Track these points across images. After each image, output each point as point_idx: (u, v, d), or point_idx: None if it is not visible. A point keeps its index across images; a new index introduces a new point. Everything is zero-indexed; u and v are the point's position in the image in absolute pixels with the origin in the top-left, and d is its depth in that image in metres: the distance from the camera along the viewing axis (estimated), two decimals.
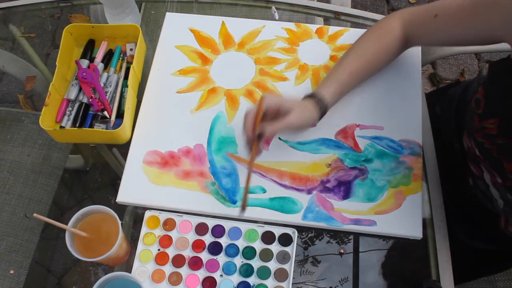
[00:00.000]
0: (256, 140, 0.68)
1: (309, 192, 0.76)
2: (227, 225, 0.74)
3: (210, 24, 0.93)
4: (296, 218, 0.74)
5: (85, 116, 0.82)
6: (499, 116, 0.63)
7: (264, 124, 0.68)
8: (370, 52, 0.75)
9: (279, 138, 0.80)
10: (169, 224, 0.74)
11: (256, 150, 0.70)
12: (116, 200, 0.76)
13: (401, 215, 0.73)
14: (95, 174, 0.83)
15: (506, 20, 0.60)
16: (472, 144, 0.71)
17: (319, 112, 0.72)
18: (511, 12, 0.59)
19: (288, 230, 0.73)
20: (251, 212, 0.74)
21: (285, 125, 0.68)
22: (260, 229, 0.73)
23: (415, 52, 0.87)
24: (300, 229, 0.74)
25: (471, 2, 0.65)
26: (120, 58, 0.88)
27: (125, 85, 0.84)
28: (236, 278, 0.70)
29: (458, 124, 0.84)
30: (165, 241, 0.73)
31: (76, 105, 0.82)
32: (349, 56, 0.76)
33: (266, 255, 0.72)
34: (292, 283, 0.70)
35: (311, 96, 0.73)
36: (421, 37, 0.74)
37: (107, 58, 0.88)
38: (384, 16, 0.82)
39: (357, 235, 0.74)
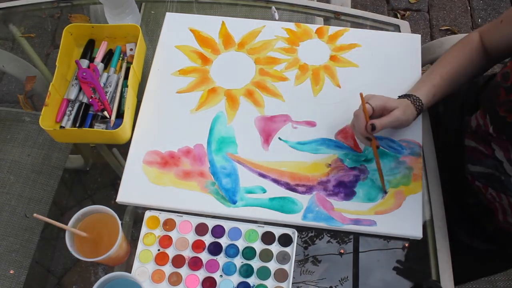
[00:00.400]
0: (371, 133, 0.73)
1: (309, 192, 0.76)
2: (227, 225, 0.74)
3: (210, 24, 0.93)
4: (296, 218, 0.74)
5: (85, 116, 0.82)
6: None
7: (374, 120, 0.73)
8: (456, 60, 0.80)
9: (279, 138, 0.80)
10: (169, 224, 0.74)
11: (376, 140, 0.75)
12: (116, 200, 0.76)
13: (401, 215, 0.73)
14: (95, 174, 0.83)
15: None
16: (486, 121, 0.72)
17: (416, 110, 0.76)
18: None
19: (288, 231, 0.73)
20: (251, 212, 0.74)
21: (394, 119, 0.73)
22: (260, 230, 0.73)
23: (415, 52, 0.88)
24: (300, 229, 0.74)
25: None
26: (120, 58, 0.88)
27: (125, 85, 0.84)
28: (236, 279, 0.70)
29: (463, 115, 0.84)
30: (165, 241, 0.73)
31: (76, 105, 0.82)
32: (439, 63, 0.81)
33: (266, 256, 0.72)
34: (292, 283, 0.70)
35: (407, 96, 0.77)
36: (492, 42, 0.77)
37: (107, 58, 0.88)
38: (384, 15, 0.82)
39: (357, 235, 0.74)
